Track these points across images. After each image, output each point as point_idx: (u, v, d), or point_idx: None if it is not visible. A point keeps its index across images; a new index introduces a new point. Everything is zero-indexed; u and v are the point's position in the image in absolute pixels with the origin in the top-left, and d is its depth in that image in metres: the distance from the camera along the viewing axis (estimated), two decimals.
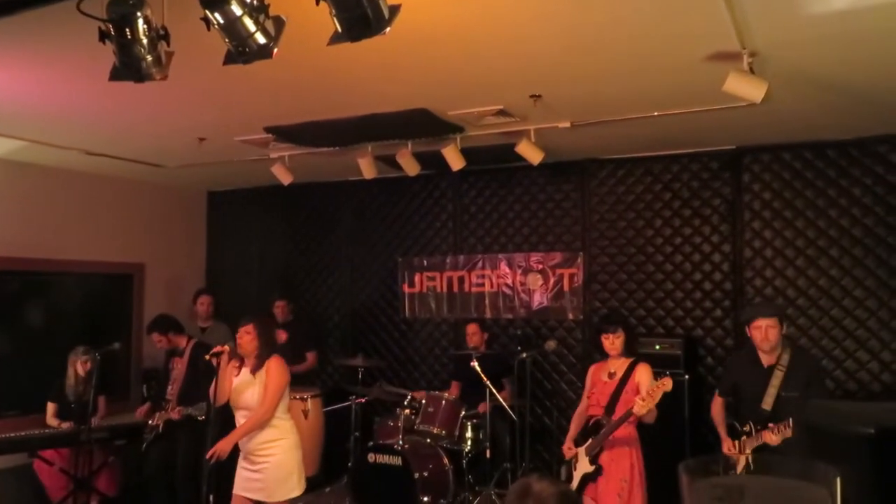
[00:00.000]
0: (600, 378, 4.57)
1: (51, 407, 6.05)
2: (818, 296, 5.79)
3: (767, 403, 4.19)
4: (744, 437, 4.22)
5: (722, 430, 4.48)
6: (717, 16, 3.21)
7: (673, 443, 5.39)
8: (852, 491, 1.43)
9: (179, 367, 5.88)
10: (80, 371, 5.98)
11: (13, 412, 6.28)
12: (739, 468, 3.66)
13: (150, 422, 5.91)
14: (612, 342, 4.49)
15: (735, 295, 6.08)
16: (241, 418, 4.33)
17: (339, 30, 2.45)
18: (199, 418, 5.38)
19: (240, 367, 4.39)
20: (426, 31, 3.42)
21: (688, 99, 4.59)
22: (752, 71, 3.71)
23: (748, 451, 4.11)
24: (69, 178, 6.82)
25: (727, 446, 4.31)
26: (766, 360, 4.35)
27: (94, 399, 5.67)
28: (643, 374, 4.43)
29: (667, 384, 4.13)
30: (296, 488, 4.33)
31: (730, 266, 6.12)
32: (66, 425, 5.89)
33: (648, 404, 4.12)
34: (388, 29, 2.45)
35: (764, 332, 4.26)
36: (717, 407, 4.62)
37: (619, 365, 4.52)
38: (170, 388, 5.89)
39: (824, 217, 5.82)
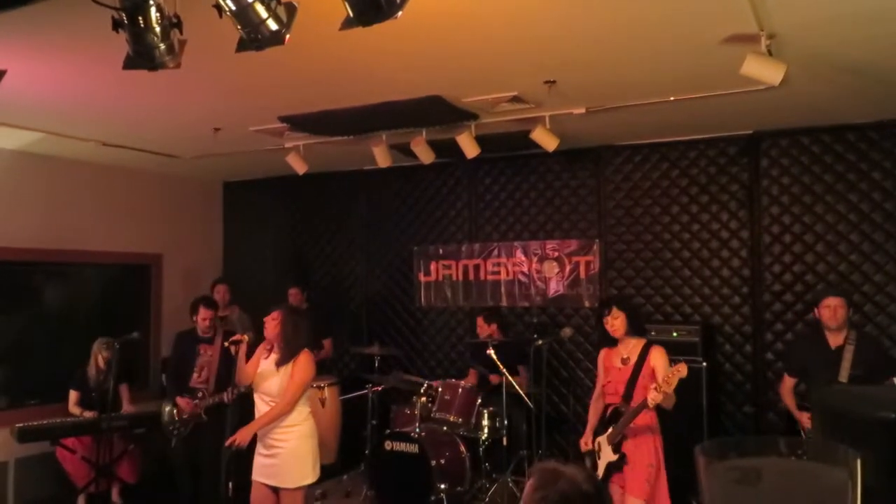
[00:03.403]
0: (613, 364, 4.50)
1: (73, 395, 6.11)
2: (838, 281, 5.72)
3: (844, 377, 4.45)
4: None
5: (795, 409, 4.81)
6: None
7: (690, 431, 5.36)
8: (873, 477, 1.41)
9: (210, 354, 5.85)
10: (101, 363, 6.04)
11: (34, 401, 6.38)
12: None
13: (180, 414, 5.73)
14: (612, 324, 4.38)
15: (753, 282, 6.02)
16: (260, 402, 4.38)
17: (351, 14, 2.44)
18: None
19: (269, 352, 4.43)
20: (439, 17, 3.39)
21: (704, 83, 4.53)
22: (770, 53, 3.65)
23: None
24: (86, 169, 6.88)
25: (801, 416, 4.70)
26: (832, 340, 4.63)
27: (114, 388, 5.71)
28: (658, 357, 4.34)
29: (682, 370, 4.06)
30: (309, 475, 4.34)
31: (748, 252, 6.06)
32: (88, 414, 5.96)
33: (664, 392, 4.07)
34: (399, 13, 2.44)
35: (833, 310, 4.58)
36: (788, 388, 4.91)
37: (631, 349, 4.43)
38: (196, 375, 5.83)
39: (844, 201, 5.74)
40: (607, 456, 4.36)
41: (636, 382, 4.35)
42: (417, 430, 5.65)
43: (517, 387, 5.62)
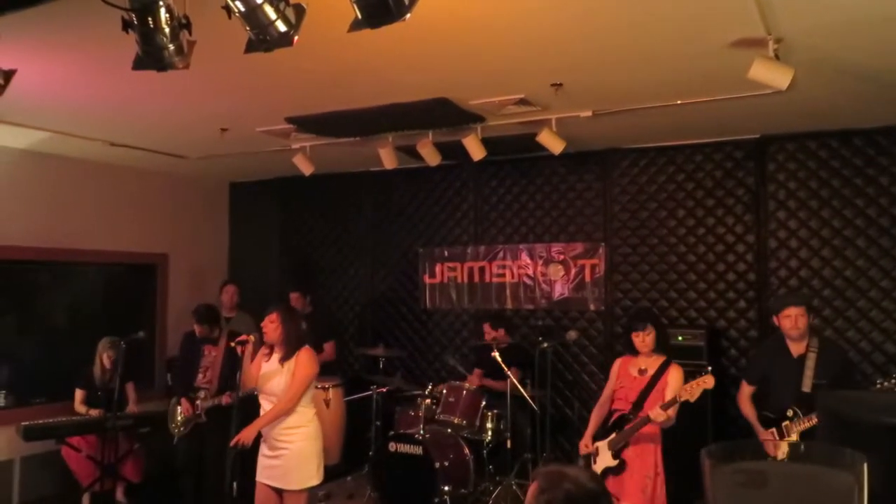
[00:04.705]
0: (629, 373, 4.50)
1: (79, 394, 6.14)
2: (844, 286, 5.71)
3: (807, 386, 4.30)
4: (786, 423, 4.32)
5: (755, 420, 4.57)
6: (742, 0, 3.16)
7: (696, 435, 5.35)
8: (879, 483, 1.40)
9: (214, 355, 5.88)
10: (106, 363, 6.06)
11: (39, 400, 6.40)
12: (781, 454, 3.95)
13: (181, 413, 5.84)
14: (643, 340, 4.41)
15: (759, 286, 6.01)
16: (266, 404, 4.38)
17: (359, 16, 2.45)
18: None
19: (269, 354, 4.44)
20: (447, 20, 3.40)
21: (712, 86, 4.53)
22: (777, 57, 3.64)
23: (794, 435, 4.22)
24: (93, 169, 6.90)
25: (765, 435, 4.40)
26: (794, 349, 4.47)
27: (120, 387, 5.72)
28: (674, 376, 4.34)
29: (708, 382, 4.05)
30: (314, 477, 4.34)
31: (754, 256, 6.05)
32: (93, 412, 5.98)
33: (688, 398, 4.09)
34: (408, 15, 2.44)
35: (794, 320, 4.39)
36: (746, 396, 4.69)
37: (651, 362, 4.44)
38: (201, 375, 5.87)
39: (851, 207, 5.73)
40: (605, 461, 4.36)
41: (649, 395, 4.35)
42: (421, 431, 5.65)
43: (523, 391, 5.62)
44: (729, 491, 1.34)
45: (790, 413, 4.28)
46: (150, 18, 2.54)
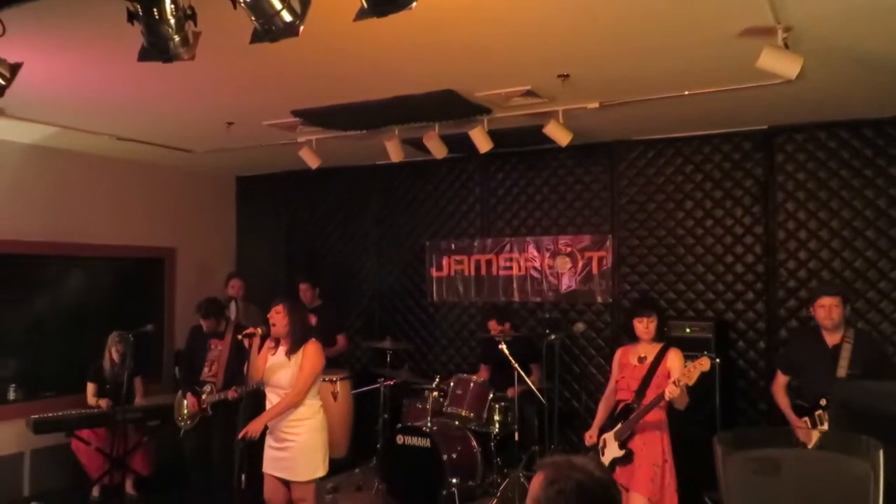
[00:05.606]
0: (629, 362, 4.50)
1: (91, 387, 6.17)
2: (853, 278, 5.68)
3: (842, 376, 4.30)
4: (819, 412, 4.32)
5: (789, 410, 4.60)
6: None
7: (704, 428, 5.32)
8: (893, 473, 1.39)
9: (220, 349, 5.91)
10: (115, 357, 6.08)
11: (49, 393, 6.44)
12: (812, 444, 3.97)
13: (187, 407, 5.87)
14: (647, 326, 4.41)
15: (767, 278, 5.98)
16: (272, 397, 4.39)
17: (365, 5, 2.44)
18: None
19: (275, 348, 4.44)
20: (453, 10, 3.38)
21: (720, 77, 4.50)
22: (786, 46, 3.62)
23: (826, 424, 4.22)
24: (101, 163, 6.91)
25: (798, 422, 4.44)
26: (829, 339, 4.49)
27: (128, 380, 5.74)
28: (674, 359, 4.35)
29: (704, 364, 4.05)
30: (320, 468, 4.36)
31: (762, 248, 6.02)
32: (102, 402, 6.01)
33: (682, 386, 4.06)
34: (414, 4, 2.43)
35: (828, 310, 4.42)
36: (781, 386, 4.73)
37: (649, 349, 4.45)
38: (206, 369, 5.90)
39: (860, 198, 5.69)
40: (612, 452, 4.36)
41: (651, 381, 4.34)
42: (429, 424, 5.65)
43: (531, 384, 5.61)
44: (742, 478, 1.32)
45: (823, 402, 4.30)
46: (155, 9, 2.54)
